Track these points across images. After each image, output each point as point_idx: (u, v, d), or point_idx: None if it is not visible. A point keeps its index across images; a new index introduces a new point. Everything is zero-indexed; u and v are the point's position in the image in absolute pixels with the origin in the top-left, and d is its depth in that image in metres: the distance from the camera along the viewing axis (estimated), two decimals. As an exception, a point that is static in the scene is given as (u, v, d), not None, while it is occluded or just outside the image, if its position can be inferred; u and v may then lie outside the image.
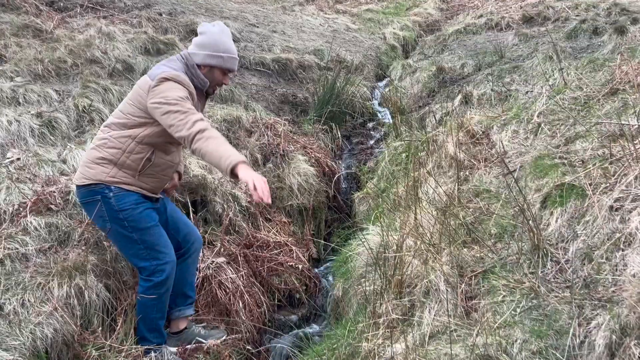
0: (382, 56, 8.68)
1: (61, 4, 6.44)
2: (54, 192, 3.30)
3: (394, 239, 3.05)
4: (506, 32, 8.06)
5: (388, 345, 2.41)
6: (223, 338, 3.19)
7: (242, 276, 3.59)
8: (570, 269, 2.45)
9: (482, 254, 2.79)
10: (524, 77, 5.27)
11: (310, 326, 3.79)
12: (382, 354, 2.40)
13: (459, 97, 5.30)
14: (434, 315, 2.51)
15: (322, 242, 4.58)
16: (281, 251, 4.02)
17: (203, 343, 3.11)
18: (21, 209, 3.14)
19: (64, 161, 3.70)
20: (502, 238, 2.91)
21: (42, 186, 3.34)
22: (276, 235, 4.15)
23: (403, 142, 4.97)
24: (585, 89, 4.15)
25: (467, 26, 8.91)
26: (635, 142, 2.86)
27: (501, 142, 3.90)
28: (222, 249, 3.68)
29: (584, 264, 2.42)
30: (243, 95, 5.62)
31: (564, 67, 4.72)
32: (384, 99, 6.98)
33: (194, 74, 2.86)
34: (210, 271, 3.45)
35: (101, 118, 4.32)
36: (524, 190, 3.02)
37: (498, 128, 4.19)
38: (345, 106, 6.15)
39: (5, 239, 2.92)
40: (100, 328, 2.85)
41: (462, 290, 2.57)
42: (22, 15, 5.66)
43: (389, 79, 7.78)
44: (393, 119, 5.97)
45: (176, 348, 3.05)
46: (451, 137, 4.15)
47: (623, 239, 2.36)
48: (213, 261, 3.51)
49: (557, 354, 2.06)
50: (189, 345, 3.10)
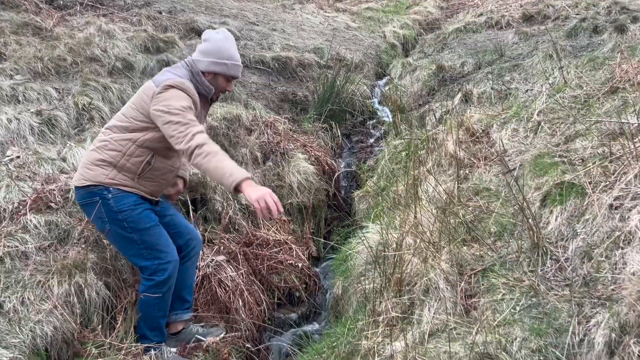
0: (382, 54, 8.68)
1: (61, 2, 6.44)
2: (54, 190, 3.30)
3: (394, 237, 3.05)
4: (506, 30, 8.05)
5: (388, 344, 2.41)
6: (222, 335, 3.20)
7: (242, 274, 3.59)
8: (570, 267, 2.45)
9: (481, 252, 2.79)
10: (524, 76, 5.27)
11: (310, 324, 3.80)
12: (381, 352, 2.40)
13: (459, 95, 5.30)
14: (434, 313, 2.51)
15: (322, 240, 4.58)
16: (281, 249, 4.02)
17: (202, 341, 3.12)
18: (21, 207, 3.14)
19: (63, 159, 3.70)
20: (501, 236, 2.91)
21: (42, 184, 3.34)
22: (276, 233, 4.16)
23: (403, 141, 4.97)
24: (585, 88, 4.15)
25: (467, 25, 8.90)
26: (635, 140, 2.86)
27: (501, 140, 3.90)
28: (221, 247, 3.68)
29: (584, 262, 2.42)
30: (243, 94, 5.62)
31: (564, 66, 4.72)
32: (384, 98, 6.98)
33: (199, 81, 2.87)
34: (210, 269, 3.45)
35: (101, 116, 4.32)
36: (524, 189, 3.02)
37: (498, 126, 4.19)
38: (345, 104, 6.15)
39: (5, 237, 2.92)
40: (100, 326, 2.85)
41: (461, 288, 2.57)
42: (21, 13, 5.65)
43: (388, 77, 7.78)
44: (393, 117, 5.97)
45: (176, 348, 3.05)
46: (451, 135, 4.15)
47: (623, 238, 2.36)
48: (213, 259, 3.51)
49: (557, 352, 2.06)
50: (188, 344, 3.10)
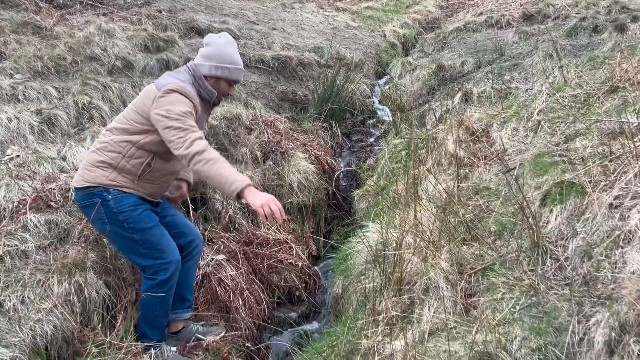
0: (382, 54, 8.68)
1: (60, 1, 6.44)
2: (54, 189, 3.30)
3: (394, 236, 3.05)
4: (506, 29, 8.05)
5: (387, 343, 2.41)
6: (222, 334, 3.20)
7: (242, 273, 3.59)
8: (570, 266, 2.45)
9: (481, 252, 2.79)
10: (524, 75, 5.27)
11: (310, 323, 3.80)
12: (381, 351, 2.40)
13: (459, 94, 5.30)
14: (434, 312, 2.51)
15: (322, 239, 4.58)
16: (281, 248, 4.02)
17: (202, 340, 3.12)
18: (21, 206, 3.14)
19: (63, 158, 3.69)
20: (501, 235, 2.91)
21: (42, 183, 3.34)
22: (276, 232, 4.16)
23: (403, 140, 4.97)
24: (585, 87, 4.14)
25: (467, 24, 8.89)
26: (635, 139, 2.86)
27: (501, 139, 3.90)
28: (221, 247, 3.68)
29: (584, 262, 2.42)
30: (243, 93, 5.62)
31: (564, 65, 4.72)
32: (383, 97, 6.98)
33: (201, 85, 2.88)
34: (210, 268, 3.45)
35: (101, 115, 4.32)
36: (524, 188, 3.02)
37: (498, 126, 4.19)
38: (345, 104, 6.15)
39: (5, 236, 2.92)
40: (100, 325, 2.85)
41: (461, 287, 2.57)
42: (21, 12, 5.65)
43: (388, 76, 7.77)
44: (393, 116, 5.97)
45: (176, 347, 3.05)
46: (451, 134, 4.15)
47: (622, 237, 2.36)
48: (213, 258, 3.51)
49: (557, 351, 2.06)
50: (188, 343, 3.10)
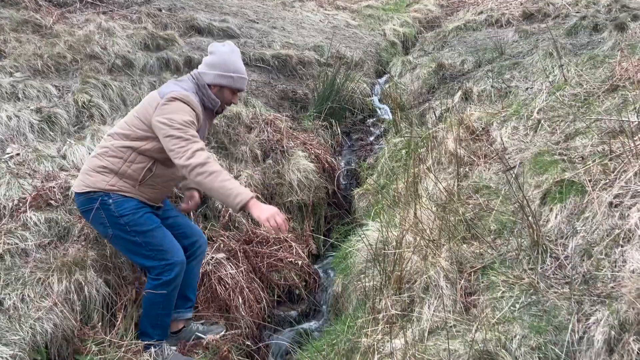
0: (382, 52, 8.67)
1: (60, 0, 6.43)
2: (54, 187, 3.30)
3: (394, 235, 3.05)
4: (506, 28, 8.04)
5: (387, 341, 2.42)
6: (222, 333, 3.20)
7: (242, 272, 3.60)
8: (570, 265, 2.45)
9: (481, 250, 2.80)
10: (524, 74, 5.27)
11: (310, 322, 3.80)
12: (381, 350, 2.40)
13: (459, 93, 5.30)
14: (433, 310, 2.52)
15: (322, 238, 4.58)
16: (281, 247, 4.02)
17: (202, 338, 3.12)
18: (21, 204, 3.14)
19: (63, 157, 3.69)
20: (501, 234, 2.91)
21: (42, 181, 3.34)
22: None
23: (403, 139, 4.97)
24: (585, 86, 4.14)
25: (467, 23, 8.88)
26: (635, 138, 2.86)
27: (501, 138, 3.90)
28: (221, 245, 3.69)
29: (583, 260, 2.42)
30: (243, 92, 5.62)
31: (564, 64, 4.72)
32: (384, 95, 6.97)
33: (205, 94, 2.89)
34: (210, 267, 3.45)
35: (101, 114, 4.32)
36: (524, 187, 3.02)
37: (498, 124, 4.19)
38: (345, 102, 6.14)
39: (5, 234, 2.92)
40: (100, 323, 2.85)
41: (461, 286, 2.57)
42: (21, 11, 5.64)
43: (388, 75, 7.77)
44: (393, 115, 5.96)
45: (176, 346, 3.05)
46: (451, 133, 4.15)
47: (622, 235, 2.36)
48: (213, 257, 3.51)
49: (556, 350, 2.06)
50: (188, 342, 3.10)
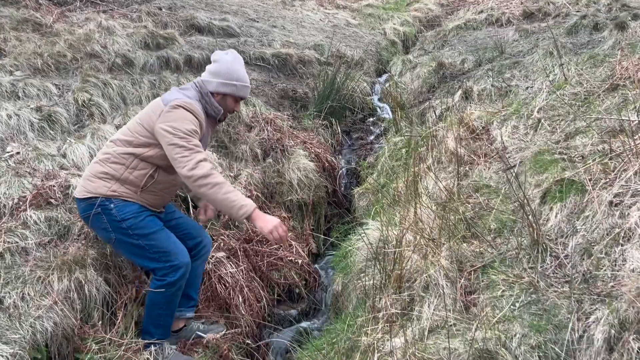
0: (383, 51, 8.66)
1: (60, -2, 6.42)
2: (54, 186, 3.30)
3: (394, 233, 3.05)
4: (507, 27, 8.03)
5: (387, 340, 2.42)
6: (222, 332, 3.21)
7: (242, 271, 3.60)
8: (570, 264, 2.45)
9: (481, 249, 2.80)
10: (524, 73, 5.26)
11: (310, 321, 3.80)
12: (381, 348, 2.40)
13: (459, 92, 5.29)
14: (433, 309, 2.52)
15: (322, 237, 4.58)
16: (281, 246, 4.02)
17: (203, 337, 3.12)
18: (21, 202, 3.14)
19: (63, 155, 3.69)
20: (501, 233, 2.91)
21: (42, 180, 3.34)
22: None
23: (403, 138, 4.97)
24: (585, 85, 4.14)
25: (467, 22, 8.88)
26: (635, 137, 2.86)
27: (501, 137, 3.90)
28: (221, 244, 3.69)
29: (583, 259, 2.42)
30: (243, 90, 5.61)
31: (564, 63, 4.71)
32: (384, 95, 6.97)
33: (208, 102, 2.90)
34: (210, 266, 3.45)
35: (101, 112, 4.31)
36: (524, 186, 3.02)
37: (498, 123, 4.19)
38: (345, 101, 6.14)
39: (5, 232, 2.92)
40: (100, 322, 2.85)
41: (461, 284, 2.57)
42: (21, 9, 5.64)
43: (389, 74, 7.76)
44: (393, 114, 5.96)
45: (176, 345, 3.05)
46: (451, 132, 4.15)
47: (622, 234, 2.36)
48: (213, 256, 3.51)
49: (556, 349, 2.07)
50: (188, 341, 3.11)
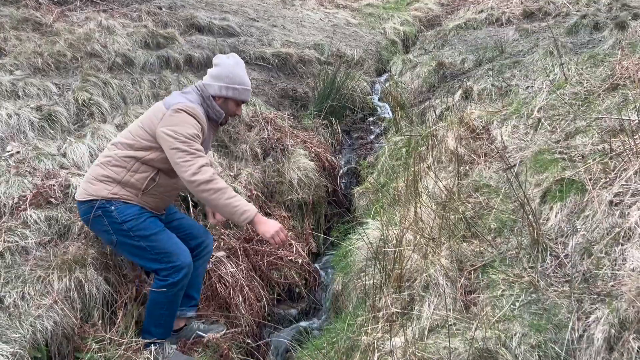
0: (383, 51, 8.66)
1: (60, -2, 6.42)
2: (54, 185, 3.30)
3: (394, 233, 3.05)
4: (507, 27, 8.03)
5: (387, 339, 2.42)
6: (223, 332, 3.20)
7: (242, 270, 3.60)
8: (570, 263, 2.45)
9: (481, 249, 2.80)
10: (525, 72, 5.26)
11: (310, 320, 3.80)
12: (381, 348, 2.40)
13: (459, 92, 5.29)
14: (433, 309, 2.52)
15: (322, 236, 4.58)
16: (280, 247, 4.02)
17: (203, 336, 3.12)
18: (21, 202, 3.14)
19: (63, 155, 3.69)
20: (501, 232, 2.91)
21: (42, 179, 3.34)
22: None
23: (403, 137, 4.97)
24: (585, 84, 4.14)
25: (467, 21, 8.87)
26: (635, 137, 2.86)
27: (501, 137, 3.89)
28: (222, 243, 3.69)
29: (583, 259, 2.42)
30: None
31: (564, 63, 4.71)
32: (384, 94, 6.97)
33: (210, 106, 2.91)
34: (210, 265, 3.45)
35: (101, 112, 4.31)
36: (524, 185, 3.02)
37: (498, 123, 4.19)
38: (345, 101, 6.14)
39: (5, 232, 2.92)
40: (100, 321, 2.86)
41: (461, 284, 2.57)
42: (21, 9, 5.64)
43: (389, 73, 7.76)
44: (393, 113, 5.96)
45: (176, 344, 3.05)
46: (451, 132, 4.15)
47: (622, 234, 2.36)
48: (213, 255, 3.51)
49: (556, 348, 2.07)
50: (188, 341, 3.11)
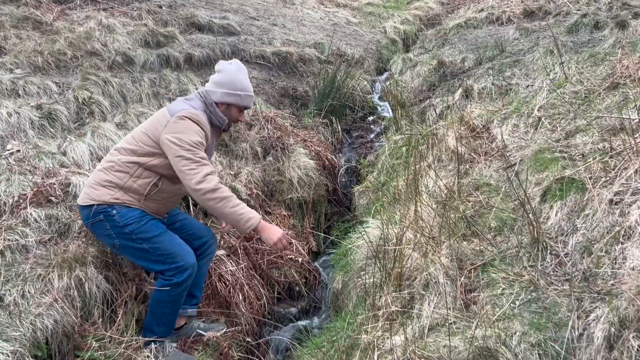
0: (383, 50, 8.66)
1: (61, -4, 6.41)
2: (54, 184, 3.30)
3: (394, 232, 3.05)
4: (507, 26, 8.02)
5: (387, 338, 2.42)
6: (223, 331, 3.21)
7: (242, 269, 3.60)
8: (570, 262, 2.45)
9: (481, 247, 2.80)
10: (525, 71, 5.26)
11: (310, 319, 3.81)
12: (381, 346, 2.41)
13: (460, 91, 5.29)
14: (434, 307, 2.52)
15: (322, 235, 4.58)
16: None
17: (203, 335, 3.12)
18: (21, 200, 3.14)
19: (63, 153, 3.69)
20: (501, 231, 2.91)
21: (42, 178, 3.34)
22: (275, 225, 4.15)
23: (403, 136, 4.97)
24: (586, 83, 4.14)
25: (468, 20, 8.87)
26: (635, 135, 2.86)
27: (501, 135, 3.89)
28: (222, 242, 3.69)
29: (584, 257, 2.42)
30: (243, 89, 5.60)
31: (564, 61, 4.71)
32: (384, 93, 6.96)
33: (213, 112, 2.92)
34: (211, 264, 3.45)
35: (101, 110, 4.32)
36: (524, 184, 3.02)
37: (498, 122, 4.18)
38: (345, 100, 6.14)
39: (5, 230, 2.93)
40: (100, 319, 2.86)
41: (461, 283, 2.58)
42: (21, 7, 5.63)
43: (389, 72, 7.76)
44: (393, 112, 5.96)
45: (176, 343, 3.06)
46: (451, 130, 4.15)
47: (622, 233, 2.36)
48: (213, 254, 3.52)
49: (556, 346, 2.07)
50: (189, 339, 3.11)
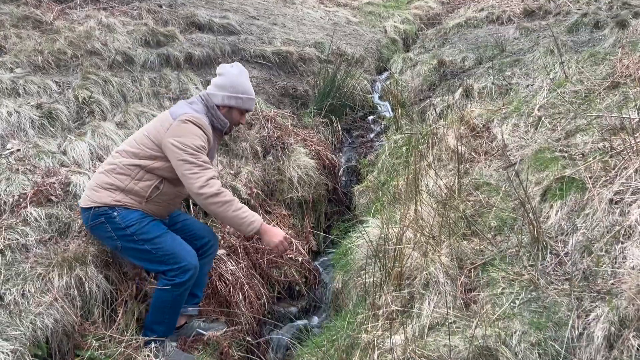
0: (383, 49, 8.65)
1: (61, -5, 6.41)
2: (54, 183, 3.30)
3: (394, 231, 3.05)
4: (507, 25, 8.02)
5: (387, 337, 2.42)
6: (223, 330, 3.21)
7: (242, 268, 3.60)
8: (570, 261, 2.46)
9: (481, 247, 2.80)
10: (525, 71, 5.26)
11: (310, 318, 3.81)
12: (381, 346, 2.41)
13: (460, 90, 5.29)
14: (433, 307, 2.52)
15: (322, 234, 4.58)
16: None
17: (203, 334, 3.12)
18: (21, 199, 3.14)
19: (64, 152, 3.69)
20: (501, 231, 2.91)
21: (42, 177, 3.34)
22: (276, 227, 4.15)
23: (403, 135, 4.97)
24: (586, 83, 4.14)
25: (468, 20, 8.86)
26: (635, 135, 2.86)
27: (502, 135, 3.89)
28: (222, 241, 3.69)
29: (584, 257, 2.42)
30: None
31: (565, 61, 4.71)
32: (384, 92, 6.96)
33: (214, 115, 2.93)
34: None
35: (101, 110, 4.32)
36: (524, 183, 3.02)
37: (499, 121, 4.18)
38: (345, 99, 6.14)
39: (5, 229, 2.93)
40: (100, 319, 2.86)
41: (461, 282, 2.58)
42: (21, 7, 5.63)
43: (389, 72, 7.76)
44: (393, 112, 5.96)
45: (176, 342, 3.06)
46: (452, 130, 4.15)
47: (623, 232, 2.36)
48: (213, 253, 3.52)
49: (556, 346, 2.07)
50: (189, 338, 3.11)
